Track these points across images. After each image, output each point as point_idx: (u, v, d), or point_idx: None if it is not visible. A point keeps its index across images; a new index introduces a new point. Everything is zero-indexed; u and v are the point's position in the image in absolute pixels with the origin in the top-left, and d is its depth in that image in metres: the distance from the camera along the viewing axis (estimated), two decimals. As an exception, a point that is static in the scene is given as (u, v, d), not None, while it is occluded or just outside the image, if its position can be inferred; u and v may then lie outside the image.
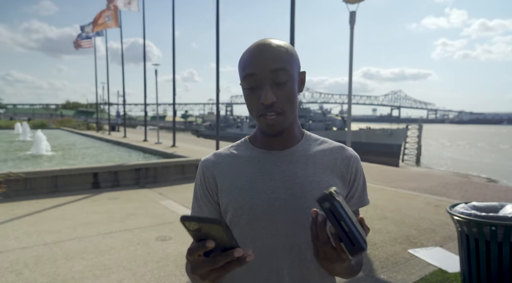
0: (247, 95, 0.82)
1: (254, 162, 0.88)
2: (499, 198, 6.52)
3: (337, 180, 0.87)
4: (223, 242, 0.59)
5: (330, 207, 0.58)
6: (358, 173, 0.91)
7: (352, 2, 7.77)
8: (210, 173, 0.90)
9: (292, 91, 0.81)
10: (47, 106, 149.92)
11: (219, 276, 0.63)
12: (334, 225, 0.58)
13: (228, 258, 0.59)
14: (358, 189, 0.91)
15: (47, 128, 31.84)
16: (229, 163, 0.90)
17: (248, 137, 0.95)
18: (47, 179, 6.58)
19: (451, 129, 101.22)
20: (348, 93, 8.28)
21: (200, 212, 0.91)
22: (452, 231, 4.39)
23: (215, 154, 0.94)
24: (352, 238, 0.57)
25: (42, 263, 3.41)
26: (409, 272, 3.26)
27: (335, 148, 0.92)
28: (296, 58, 0.84)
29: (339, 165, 0.89)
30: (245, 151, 0.91)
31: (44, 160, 10.74)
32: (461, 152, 30.96)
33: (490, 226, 2.53)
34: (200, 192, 0.92)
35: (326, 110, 43.88)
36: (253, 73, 0.79)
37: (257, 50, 0.80)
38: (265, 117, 0.80)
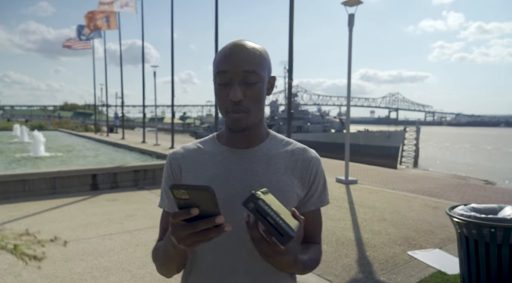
0: (217, 90, 0.86)
1: (219, 158, 0.91)
2: (497, 200, 6.55)
3: (296, 180, 0.91)
4: (207, 209, 0.62)
5: (255, 206, 0.63)
6: (317, 175, 0.95)
7: (350, 4, 7.81)
8: (177, 165, 0.94)
9: (260, 93, 0.85)
10: (45, 107, 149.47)
11: (196, 242, 0.66)
12: (262, 222, 0.63)
13: (209, 223, 0.63)
14: (318, 189, 0.95)
15: (45, 130, 31.71)
16: (195, 157, 0.94)
17: (216, 133, 0.98)
18: (45, 181, 6.55)
19: (449, 132, 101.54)
20: (347, 95, 8.31)
21: (169, 204, 0.94)
22: (451, 232, 4.40)
23: (183, 147, 0.98)
24: (279, 229, 0.62)
25: (41, 264, 3.39)
26: (409, 274, 3.26)
27: (297, 150, 0.95)
28: (268, 63, 0.88)
29: (299, 166, 0.92)
30: (211, 146, 0.95)
31: (43, 162, 10.70)
32: (459, 154, 31.07)
33: (490, 228, 2.54)
34: (168, 183, 0.95)
35: (324, 113, 43.89)
36: (226, 70, 0.83)
37: (232, 50, 0.84)
38: (231, 114, 0.84)
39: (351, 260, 3.57)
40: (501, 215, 2.67)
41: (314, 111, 43.22)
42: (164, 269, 0.89)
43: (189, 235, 0.65)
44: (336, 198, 6.36)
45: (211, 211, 0.63)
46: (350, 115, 8.67)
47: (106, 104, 26.61)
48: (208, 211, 0.63)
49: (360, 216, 5.21)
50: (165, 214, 0.96)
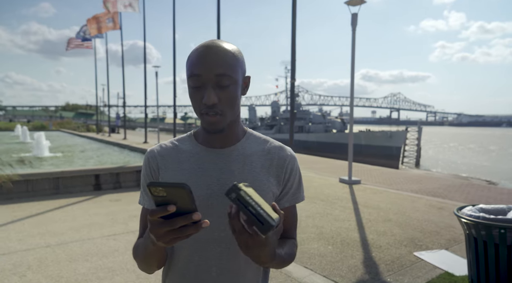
0: (191, 93, 0.86)
1: (195, 158, 0.92)
2: (502, 200, 6.51)
3: (272, 178, 0.92)
4: (184, 206, 0.63)
5: (236, 196, 0.64)
6: (293, 173, 0.96)
7: (354, 4, 7.78)
8: (155, 163, 0.94)
9: (234, 95, 0.85)
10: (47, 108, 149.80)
11: (174, 239, 0.67)
12: (243, 211, 0.64)
13: (187, 220, 0.64)
14: (293, 187, 0.96)
15: (46, 130, 31.76)
16: (173, 156, 0.94)
17: (193, 131, 0.99)
18: (49, 181, 6.55)
19: (451, 132, 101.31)
20: (350, 95, 8.28)
21: (149, 201, 0.94)
22: (457, 233, 4.37)
23: (160, 145, 0.98)
24: (260, 218, 0.63)
25: (45, 265, 3.38)
26: (416, 275, 3.24)
27: (273, 148, 0.96)
28: (242, 63, 0.88)
29: (274, 164, 0.94)
30: (188, 145, 0.95)
31: (45, 162, 10.70)
32: (460, 154, 30.98)
33: (499, 229, 2.51)
34: (147, 180, 0.95)
35: (325, 113, 43.85)
36: (198, 74, 0.83)
37: (205, 52, 0.83)
38: (206, 117, 0.84)
39: (357, 261, 3.54)
40: (510, 216, 2.64)
41: (316, 112, 43.16)
42: (145, 266, 0.89)
43: (167, 232, 0.66)
44: (340, 199, 6.33)
45: (188, 208, 0.64)
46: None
47: (108, 105, 26.63)
48: (185, 208, 0.64)
49: (365, 216, 5.18)
50: (144, 211, 0.97)
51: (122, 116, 31.58)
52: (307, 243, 4.01)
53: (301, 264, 3.44)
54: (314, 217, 5.10)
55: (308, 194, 6.52)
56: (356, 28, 7.95)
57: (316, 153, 18.72)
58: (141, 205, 0.98)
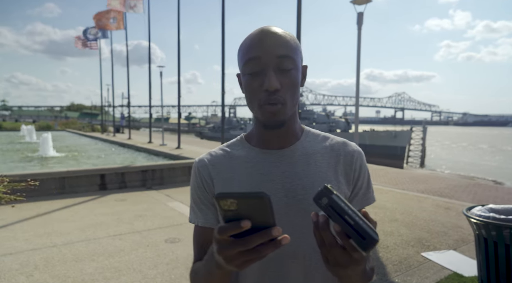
0: (247, 81, 0.76)
1: (252, 163, 0.82)
2: (510, 200, 6.43)
3: (341, 178, 0.82)
4: (260, 220, 0.52)
5: (328, 202, 0.52)
6: (362, 170, 0.85)
7: (359, 3, 7.73)
8: (207, 173, 0.84)
9: (296, 81, 0.76)
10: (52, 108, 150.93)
11: (248, 261, 0.55)
12: (337, 222, 0.51)
13: (265, 237, 0.52)
14: (363, 186, 0.85)
15: (52, 130, 31.99)
16: (226, 164, 0.84)
17: (244, 135, 0.89)
18: (55, 180, 6.58)
19: (458, 132, 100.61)
20: (355, 94, 8.23)
21: (203, 217, 0.84)
22: (465, 234, 4.32)
23: (210, 153, 0.88)
24: (360, 231, 0.50)
25: (52, 265, 3.39)
26: (424, 275, 3.20)
27: (337, 144, 0.85)
28: (301, 50, 0.80)
29: (341, 162, 0.83)
30: (242, 150, 0.85)
31: (51, 162, 10.77)
32: (465, 154, 30.74)
33: (510, 229, 2.47)
34: (199, 194, 0.84)
35: (329, 112, 43.75)
36: (257, 56, 0.73)
37: (263, 34, 0.75)
38: (266, 107, 0.74)
39: (364, 261, 3.51)
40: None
41: (320, 111, 43.08)
42: None
43: (240, 254, 0.54)
44: (346, 198, 6.30)
45: (266, 221, 0.52)
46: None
47: (112, 105, 26.76)
48: (262, 221, 0.52)
49: (371, 216, 5.13)
50: (199, 230, 0.85)
51: (126, 116, 31.73)
52: (313, 243, 3.99)
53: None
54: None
55: (313, 194, 6.49)
56: (361, 27, 7.91)
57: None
58: (193, 223, 0.86)
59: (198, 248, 0.84)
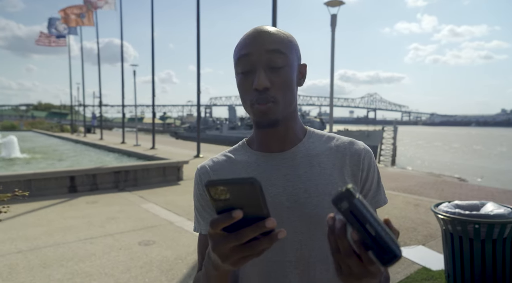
0: (240, 81, 0.75)
1: (253, 167, 0.80)
2: (473, 197, 6.78)
3: (348, 179, 0.78)
4: (253, 211, 0.48)
5: (349, 207, 0.46)
6: (371, 169, 0.80)
7: (333, 5, 7.89)
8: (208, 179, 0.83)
9: (289, 78, 0.74)
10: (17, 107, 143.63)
11: (244, 258, 0.51)
12: (357, 229, 0.46)
13: (258, 230, 0.47)
14: (372, 188, 0.80)
15: (17, 130, 30.45)
16: (227, 169, 0.83)
17: (246, 140, 0.87)
18: (19, 183, 6.25)
19: (425, 131, 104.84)
20: (330, 95, 8.39)
21: (206, 225, 0.80)
22: (433, 229, 4.51)
23: (212, 159, 0.87)
24: (382, 243, 0.44)
25: (17, 272, 3.22)
26: (395, 271, 3.31)
27: (343, 144, 0.82)
28: (297, 47, 0.78)
29: (348, 162, 0.79)
30: (243, 155, 0.84)
31: (16, 163, 10.24)
32: (432, 152, 32.11)
33: (474, 224, 2.60)
34: (201, 202, 0.82)
35: (304, 112, 44.35)
36: (247, 53, 0.73)
37: (255, 32, 0.74)
38: (256, 106, 0.72)
39: (338, 258, 3.58)
40: (483, 211, 2.74)
41: (295, 111, 43.56)
42: None
43: (234, 249, 0.50)
44: (320, 197, 6.41)
45: (259, 212, 0.48)
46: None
47: (83, 104, 25.85)
48: (255, 212, 0.48)
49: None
50: (202, 238, 0.82)
51: (98, 116, 30.73)
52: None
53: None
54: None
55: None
56: (335, 29, 8.07)
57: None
58: (197, 232, 0.84)
59: (201, 258, 0.81)
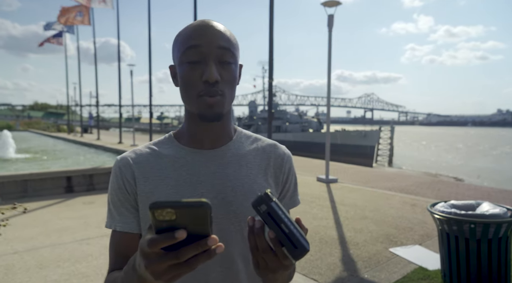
0: (185, 71, 0.73)
1: (181, 163, 0.78)
2: (470, 196, 6.82)
3: (270, 180, 0.83)
4: (196, 230, 0.47)
5: (267, 209, 0.52)
6: (290, 173, 0.86)
7: (330, 5, 7.91)
8: (130, 173, 0.78)
9: (235, 75, 0.76)
10: (13, 107, 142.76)
11: (178, 275, 0.49)
12: (273, 229, 0.53)
13: (199, 248, 0.47)
14: (290, 189, 0.86)
15: (13, 130, 30.27)
16: (152, 163, 0.79)
17: (173, 133, 0.84)
18: (16, 183, 6.23)
19: (422, 131, 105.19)
20: (327, 95, 8.41)
21: (123, 222, 0.77)
22: (429, 229, 4.53)
23: (134, 151, 0.82)
24: (294, 240, 0.52)
25: (13, 273, 3.21)
26: (392, 270, 3.32)
27: (268, 146, 0.86)
28: (239, 48, 0.79)
29: (272, 164, 0.84)
30: (170, 148, 0.81)
31: (12, 164, 10.18)
32: (428, 152, 32.24)
33: (470, 223, 2.62)
34: (120, 196, 0.78)
35: (302, 112, 44.36)
36: (198, 45, 0.71)
37: (204, 25, 0.73)
38: (206, 98, 0.72)
39: (335, 258, 3.59)
40: (479, 211, 2.76)
41: (292, 111, 43.60)
42: None
43: (171, 267, 0.48)
44: (318, 197, 6.41)
45: (202, 231, 0.47)
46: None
47: (80, 104, 25.73)
48: (198, 231, 0.47)
49: (342, 214, 5.27)
50: (117, 235, 0.78)
51: (95, 116, 30.60)
52: (286, 242, 4.03)
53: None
54: (292, 216, 5.13)
55: (286, 193, 6.56)
56: (332, 29, 8.08)
57: (293, 152, 18.63)
58: (109, 229, 0.79)
59: (115, 256, 0.77)
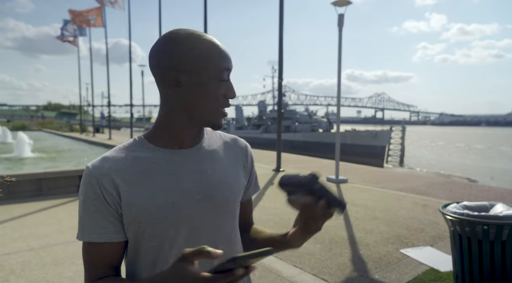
0: (216, 87, 0.79)
1: (160, 164, 0.80)
2: (483, 198, 6.70)
3: (240, 170, 0.91)
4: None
5: (320, 186, 0.74)
6: (253, 162, 0.96)
7: (340, 5, 7.86)
8: (109, 181, 0.76)
9: None
10: (27, 107, 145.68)
11: None
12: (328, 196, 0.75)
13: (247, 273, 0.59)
14: (254, 176, 0.96)
15: (28, 130, 30.91)
16: (131, 167, 0.78)
17: (143, 135, 0.85)
18: (31, 182, 6.37)
19: (434, 131, 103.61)
20: (337, 95, 8.36)
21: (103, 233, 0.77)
22: (441, 230, 4.48)
23: (106, 158, 0.79)
24: (340, 200, 0.76)
25: (29, 269, 3.29)
26: (402, 271, 3.30)
27: (231, 140, 0.93)
28: None
29: (238, 156, 0.92)
30: (145, 151, 0.81)
31: (28, 163, 10.41)
32: (440, 153, 31.73)
33: (483, 225, 2.59)
34: (97, 206, 0.76)
35: (312, 112, 44.14)
36: (229, 67, 0.81)
37: (220, 46, 0.81)
38: (224, 111, 0.81)
39: (345, 259, 3.59)
40: (492, 212, 2.72)
41: (302, 111, 43.42)
42: None
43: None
44: (327, 197, 6.39)
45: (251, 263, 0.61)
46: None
47: (92, 104, 26.13)
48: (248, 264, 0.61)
49: (352, 214, 5.25)
50: (95, 247, 0.77)
51: (106, 116, 31.03)
52: (296, 242, 4.03)
53: (290, 263, 3.46)
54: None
55: (296, 193, 6.55)
56: (342, 28, 8.04)
57: (303, 152, 18.84)
58: (82, 240, 0.78)
59: (94, 267, 0.79)
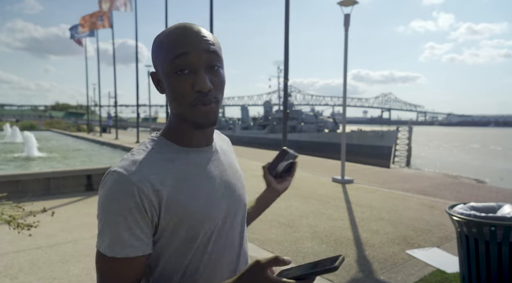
0: (174, 81, 0.70)
1: (195, 163, 0.77)
2: (491, 199, 6.62)
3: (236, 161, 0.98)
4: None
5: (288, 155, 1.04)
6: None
7: (346, 4, 7.83)
8: (149, 187, 0.69)
9: (224, 79, 0.75)
10: (36, 107, 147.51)
11: None
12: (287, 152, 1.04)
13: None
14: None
15: (36, 130, 31.29)
16: (169, 170, 0.73)
17: (163, 136, 0.80)
18: (39, 181, 6.45)
19: (442, 132, 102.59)
20: (343, 95, 8.33)
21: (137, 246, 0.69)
22: (448, 231, 4.44)
23: (138, 161, 0.72)
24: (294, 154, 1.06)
25: (38, 267, 3.34)
26: (408, 273, 3.28)
27: (218, 135, 0.96)
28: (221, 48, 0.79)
29: (230, 147, 0.98)
30: (171, 152, 0.76)
31: (36, 162, 10.54)
32: (448, 153, 31.42)
33: (490, 226, 2.56)
34: (136, 217, 0.68)
35: (317, 112, 43.99)
36: (187, 52, 0.69)
37: (188, 30, 0.70)
38: (200, 107, 0.71)
39: (351, 259, 3.57)
40: (500, 214, 2.69)
41: (308, 111, 43.30)
42: None
43: None
44: (333, 198, 6.37)
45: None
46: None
47: (99, 104, 26.37)
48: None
49: (358, 215, 5.23)
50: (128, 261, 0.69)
51: (113, 116, 31.29)
52: (301, 242, 4.03)
53: (295, 263, 3.45)
54: (307, 216, 5.13)
55: (302, 193, 6.54)
56: (348, 28, 8.01)
57: (309, 153, 18.79)
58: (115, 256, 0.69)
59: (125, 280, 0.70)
